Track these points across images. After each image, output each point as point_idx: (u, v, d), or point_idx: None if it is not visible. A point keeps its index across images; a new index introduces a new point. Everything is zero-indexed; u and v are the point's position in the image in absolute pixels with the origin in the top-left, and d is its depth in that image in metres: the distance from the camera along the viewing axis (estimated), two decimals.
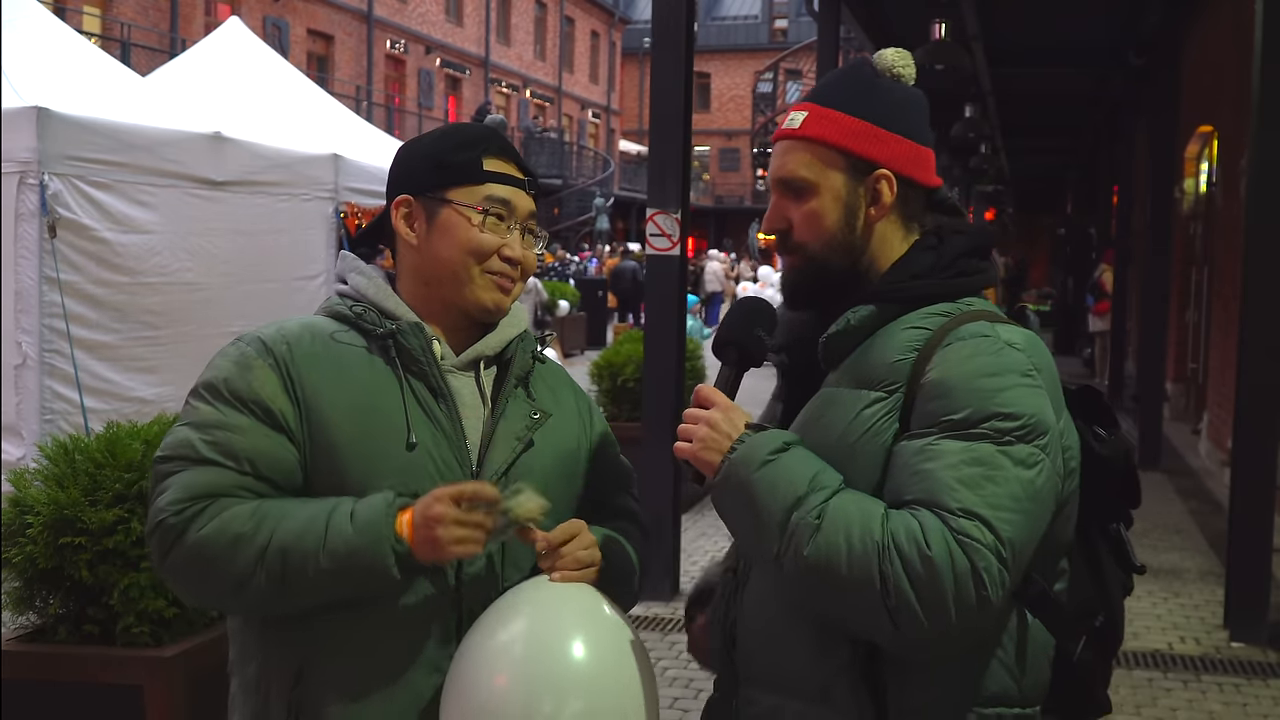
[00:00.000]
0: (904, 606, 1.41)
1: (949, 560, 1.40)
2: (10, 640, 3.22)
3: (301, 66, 21.12)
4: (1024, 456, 1.46)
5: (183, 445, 1.62)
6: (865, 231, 1.63)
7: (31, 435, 5.85)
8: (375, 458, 1.63)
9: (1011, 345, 1.52)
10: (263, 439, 1.62)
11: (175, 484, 1.60)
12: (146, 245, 6.69)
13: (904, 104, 1.66)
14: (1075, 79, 15.04)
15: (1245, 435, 5.60)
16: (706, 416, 1.58)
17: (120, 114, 6.76)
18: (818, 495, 1.48)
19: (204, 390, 1.66)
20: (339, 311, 1.73)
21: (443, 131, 1.82)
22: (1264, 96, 5.56)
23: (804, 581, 1.49)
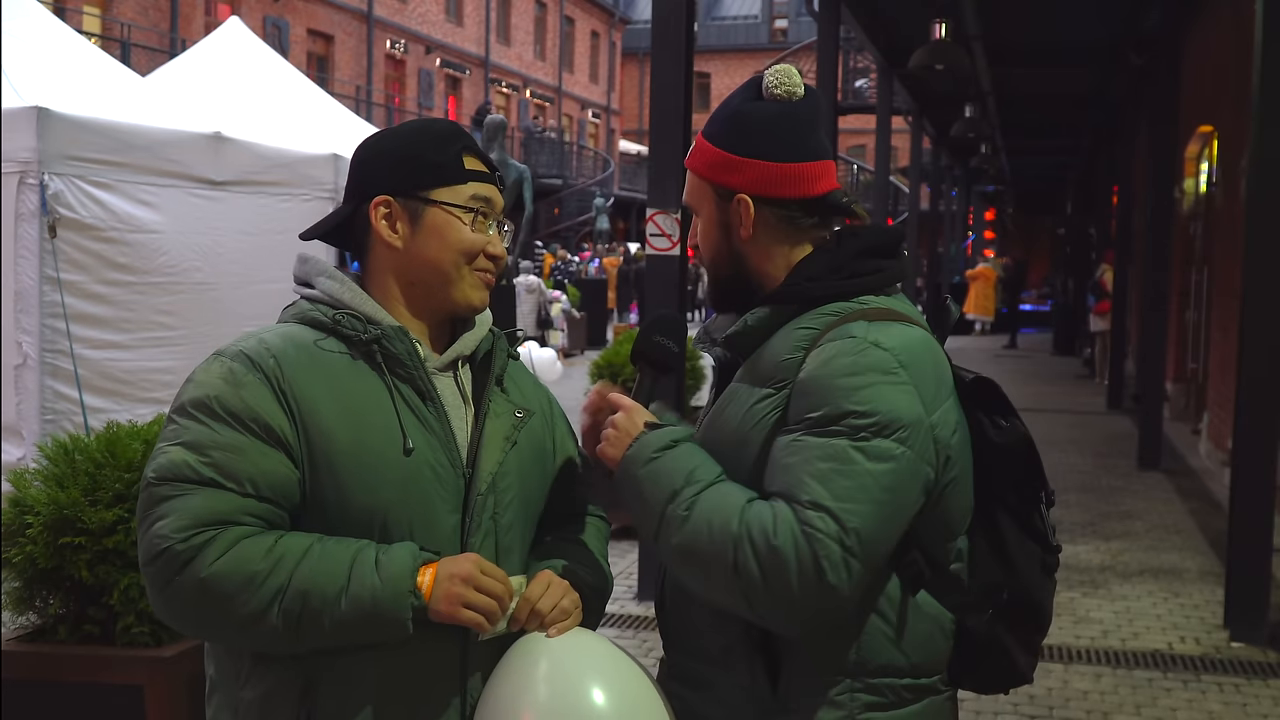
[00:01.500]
0: (754, 591, 1.55)
1: (794, 549, 1.53)
2: (10, 640, 3.22)
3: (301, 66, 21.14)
4: (878, 450, 1.57)
5: (179, 467, 1.56)
6: (743, 248, 1.77)
7: (32, 435, 5.85)
8: (374, 466, 1.61)
9: (877, 345, 1.62)
10: (261, 458, 1.58)
11: (177, 509, 1.54)
12: (149, 245, 6.69)
13: (765, 128, 1.75)
14: (1075, 79, 15.05)
15: (1245, 435, 5.60)
16: (612, 418, 1.73)
17: (120, 114, 6.76)
18: (690, 489, 1.62)
19: (192, 408, 1.60)
20: (314, 318, 1.69)
21: (412, 128, 1.78)
22: (1264, 96, 5.56)
23: (676, 567, 1.67)
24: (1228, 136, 9.78)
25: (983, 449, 1.71)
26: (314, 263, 1.76)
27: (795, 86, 1.76)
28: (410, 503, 1.63)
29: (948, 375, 1.69)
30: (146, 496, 1.58)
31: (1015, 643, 1.73)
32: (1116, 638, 5.56)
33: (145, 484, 1.59)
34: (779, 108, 1.75)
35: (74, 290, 6.18)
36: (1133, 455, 10.09)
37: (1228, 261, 9.06)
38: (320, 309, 1.69)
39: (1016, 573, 1.72)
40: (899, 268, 1.77)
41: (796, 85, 1.76)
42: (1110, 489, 9.03)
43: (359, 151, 1.78)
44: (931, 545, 1.67)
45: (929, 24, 10.00)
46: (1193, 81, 11.03)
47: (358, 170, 1.76)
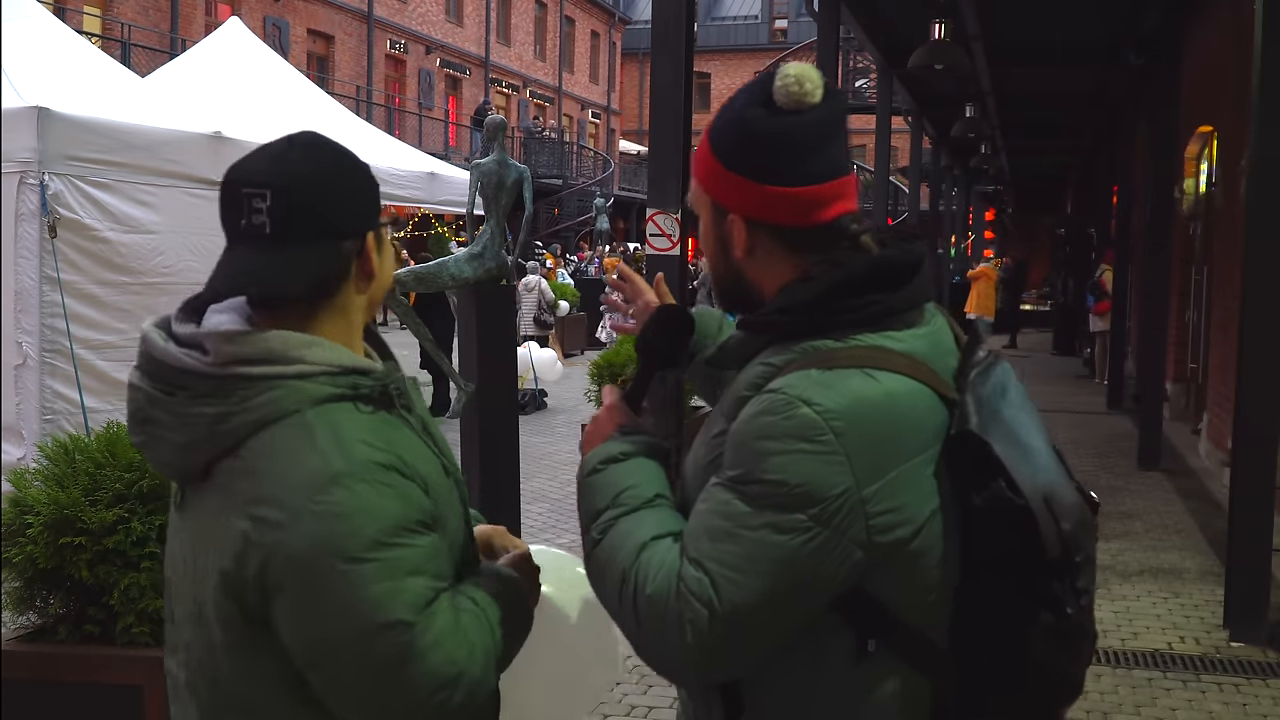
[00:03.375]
0: (631, 633, 1.51)
1: (664, 602, 1.45)
2: (10, 640, 3.22)
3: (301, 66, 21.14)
4: (780, 523, 1.42)
5: (425, 594, 1.51)
6: (740, 264, 1.63)
7: (32, 435, 5.85)
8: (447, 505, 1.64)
9: (807, 404, 1.44)
10: (443, 550, 1.60)
11: (442, 632, 1.52)
12: (149, 245, 6.70)
13: (761, 144, 1.56)
14: (1075, 79, 15.05)
15: (1245, 435, 5.60)
16: (596, 414, 1.69)
17: (120, 114, 6.77)
18: (612, 512, 1.56)
19: (390, 538, 1.49)
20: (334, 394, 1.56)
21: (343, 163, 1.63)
22: (1264, 96, 5.56)
23: (590, 585, 1.61)
24: (1228, 136, 9.78)
25: (968, 512, 1.50)
26: (278, 335, 1.55)
27: (806, 95, 1.54)
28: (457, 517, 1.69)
29: (923, 432, 1.48)
30: (407, 639, 1.48)
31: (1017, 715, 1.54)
32: (1116, 637, 5.56)
33: (400, 627, 1.47)
34: (782, 122, 1.55)
35: (72, 290, 6.19)
36: (1133, 455, 10.09)
37: (1228, 261, 9.05)
38: (326, 382, 1.55)
39: (1003, 641, 1.51)
40: (899, 299, 1.55)
41: (808, 93, 1.54)
42: (1110, 489, 9.03)
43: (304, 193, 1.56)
44: (906, 609, 1.50)
45: (929, 24, 9.99)
46: (1193, 81, 11.02)
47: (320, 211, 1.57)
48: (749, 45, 48.66)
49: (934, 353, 1.55)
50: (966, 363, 1.58)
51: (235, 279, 1.55)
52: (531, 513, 7.86)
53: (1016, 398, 1.59)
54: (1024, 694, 1.53)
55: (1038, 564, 1.48)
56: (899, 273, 1.56)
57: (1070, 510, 1.50)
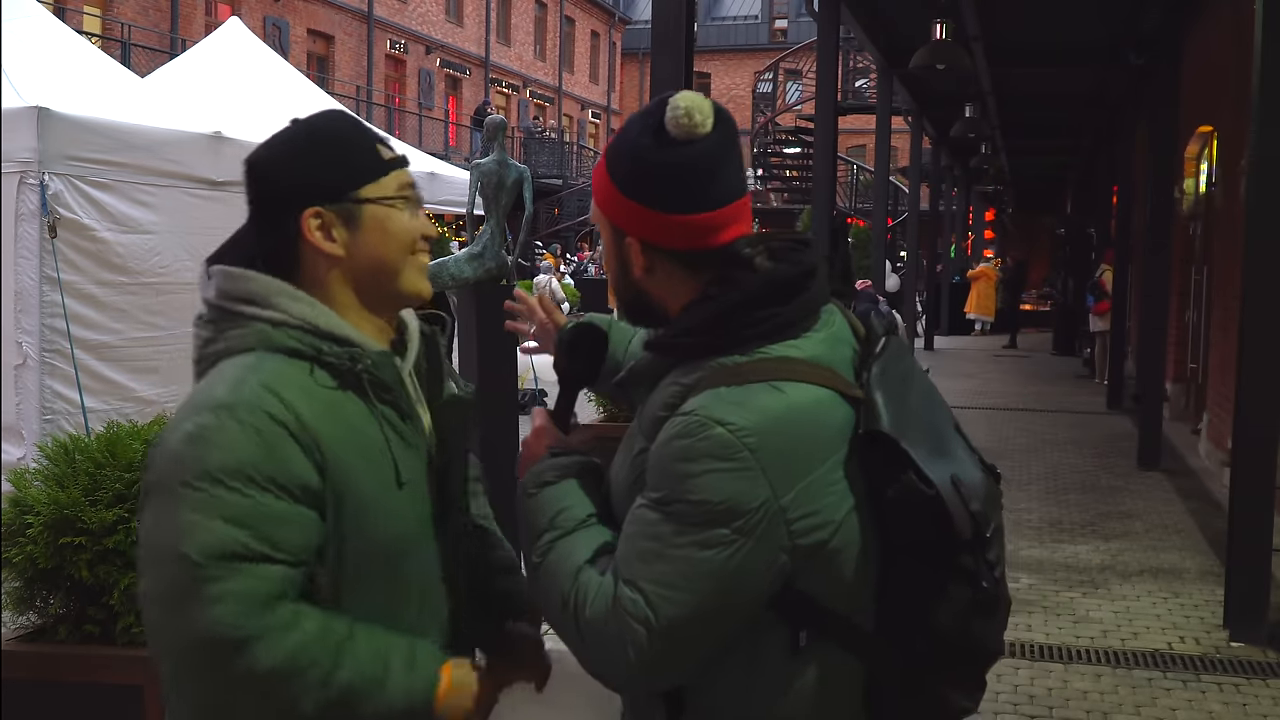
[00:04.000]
0: (578, 652, 1.57)
1: (603, 624, 1.52)
2: (10, 640, 3.22)
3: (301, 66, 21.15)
4: (706, 539, 1.48)
5: (229, 545, 1.47)
6: (640, 284, 1.67)
7: (31, 435, 5.85)
8: (388, 501, 1.61)
9: (720, 424, 1.49)
10: (302, 521, 1.53)
11: (232, 592, 1.47)
12: (146, 245, 6.70)
13: (656, 175, 1.60)
14: (1075, 79, 15.05)
15: (1245, 435, 5.60)
16: (525, 438, 1.75)
17: (120, 114, 6.76)
18: (549, 535, 1.61)
19: (224, 476, 1.49)
20: (291, 348, 1.58)
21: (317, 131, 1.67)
22: (1264, 96, 5.56)
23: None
24: (1228, 136, 9.78)
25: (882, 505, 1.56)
26: (264, 280, 1.62)
27: (696, 126, 1.59)
28: (418, 523, 1.66)
29: (832, 435, 1.54)
30: (190, 576, 1.47)
31: (947, 683, 1.62)
32: (1116, 638, 5.56)
33: (184, 562, 1.47)
34: (675, 154, 1.59)
35: (70, 290, 6.19)
36: (1133, 455, 10.09)
37: (1228, 261, 9.05)
38: (294, 336, 1.59)
39: (929, 620, 1.58)
40: (796, 308, 1.60)
41: (698, 124, 1.59)
42: (1110, 489, 9.03)
43: (260, 167, 1.65)
44: (834, 599, 1.57)
45: (929, 24, 10.00)
46: (1193, 81, 11.02)
47: (268, 185, 1.64)
48: (749, 45, 48.63)
49: (834, 354, 1.61)
50: (866, 357, 1.64)
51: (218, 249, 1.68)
52: None
53: (919, 382, 1.67)
54: (950, 664, 1.61)
55: (951, 545, 1.56)
56: (792, 285, 1.61)
57: (976, 489, 1.58)
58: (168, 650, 1.53)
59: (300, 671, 1.51)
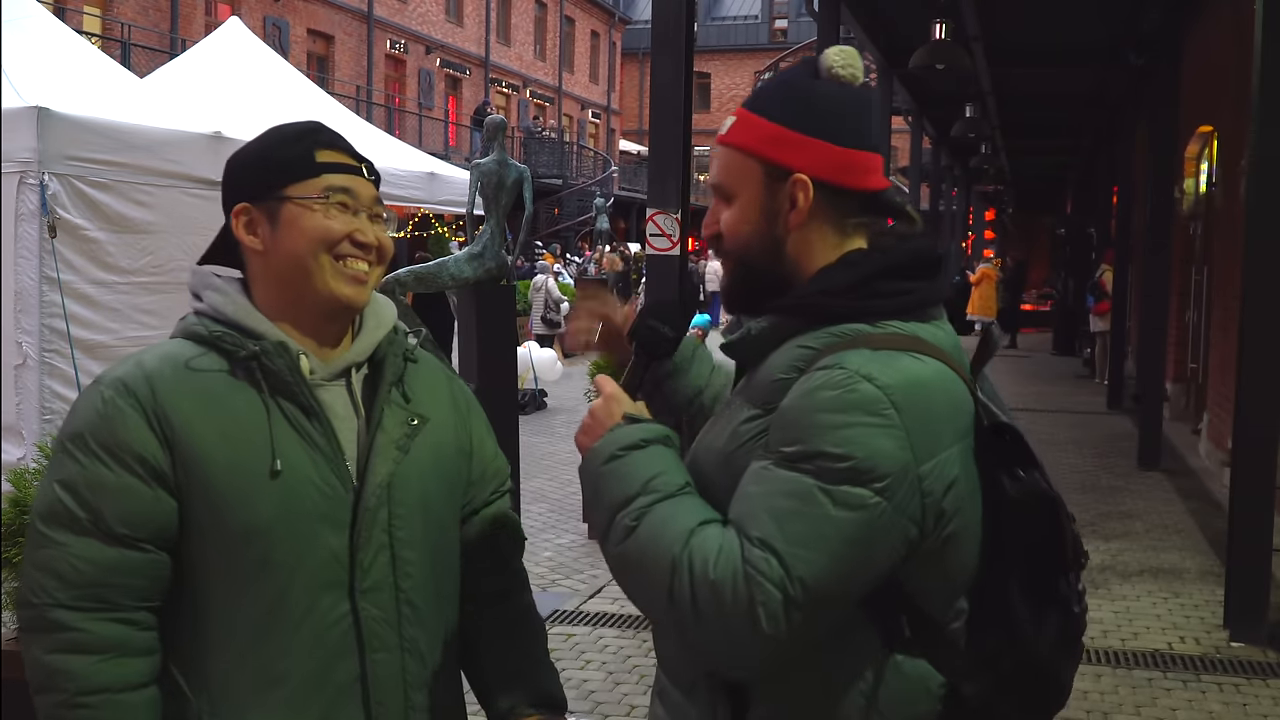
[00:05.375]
0: (685, 623, 1.42)
1: (731, 588, 1.39)
2: (10, 640, 3.21)
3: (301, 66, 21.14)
4: (848, 498, 1.40)
5: (57, 508, 1.58)
6: (785, 237, 1.60)
7: (31, 435, 5.85)
8: (249, 488, 1.58)
9: (869, 380, 1.44)
10: (133, 497, 1.56)
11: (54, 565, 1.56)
12: (140, 245, 6.69)
13: (831, 108, 1.60)
14: (1075, 79, 15.05)
15: (1245, 435, 5.60)
16: (591, 405, 1.62)
17: (120, 114, 6.76)
18: (644, 499, 1.49)
19: (70, 442, 1.59)
20: (196, 333, 1.66)
21: (265, 135, 1.73)
22: (1264, 96, 5.56)
23: (615, 576, 1.53)
24: (1228, 136, 9.78)
25: (996, 503, 1.51)
26: (202, 275, 1.71)
27: (858, 71, 1.61)
28: (291, 522, 1.60)
29: (963, 419, 1.50)
30: (32, 533, 1.60)
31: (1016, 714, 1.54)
32: (1116, 638, 5.55)
33: (34, 516, 1.61)
34: (843, 89, 1.60)
35: (69, 290, 6.19)
36: (1133, 455, 10.09)
37: (1228, 261, 9.05)
38: (204, 324, 1.66)
39: (1021, 639, 1.52)
40: (932, 290, 1.58)
41: (859, 70, 1.61)
42: (1110, 489, 9.03)
43: (225, 166, 1.76)
44: (926, 601, 1.50)
45: (929, 24, 10.00)
46: (1193, 81, 11.02)
47: (223, 186, 1.74)
48: (749, 45, 48.62)
49: (954, 349, 1.57)
50: (981, 362, 1.62)
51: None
52: (531, 513, 7.86)
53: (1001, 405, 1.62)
54: (1030, 696, 1.53)
55: (1053, 561, 1.51)
56: (932, 264, 1.59)
57: (1070, 513, 1.53)
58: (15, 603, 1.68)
59: (47, 680, 1.57)
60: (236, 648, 1.59)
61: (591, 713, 4.57)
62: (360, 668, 1.64)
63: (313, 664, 1.61)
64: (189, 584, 1.59)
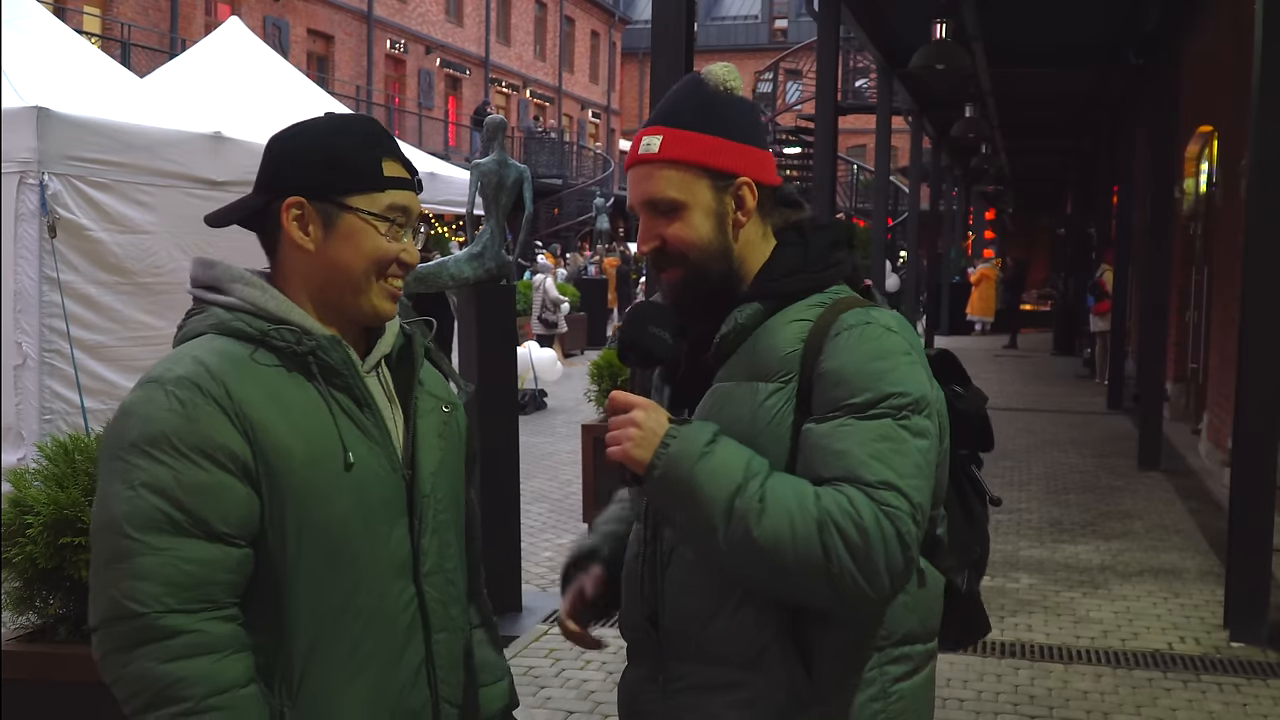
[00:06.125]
0: (846, 574, 1.55)
1: (879, 528, 1.55)
2: (10, 640, 3.22)
3: (301, 66, 21.14)
4: (917, 428, 1.63)
5: (151, 514, 1.50)
6: (735, 236, 1.76)
7: (31, 435, 5.85)
8: (327, 482, 1.60)
9: (889, 329, 1.68)
10: (227, 494, 1.54)
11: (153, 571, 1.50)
12: (141, 245, 6.69)
13: (743, 116, 1.78)
14: (1075, 79, 15.04)
15: (1245, 435, 5.60)
16: (631, 417, 1.65)
17: (120, 114, 6.76)
18: (755, 480, 1.59)
19: (149, 446, 1.52)
20: (239, 330, 1.61)
21: (333, 127, 1.69)
22: (1264, 96, 5.56)
23: (751, 561, 1.58)
24: (1228, 136, 9.78)
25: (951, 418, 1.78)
26: (224, 268, 1.67)
27: (740, 83, 1.80)
28: (363, 512, 1.62)
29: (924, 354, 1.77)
30: (115, 545, 1.51)
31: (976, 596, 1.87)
32: (1116, 638, 5.56)
33: (112, 529, 1.52)
34: (742, 99, 1.79)
35: (68, 290, 6.19)
36: (1133, 455, 10.09)
37: (1228, 261, 9.05)
38: (244, 319, 1.62)
39: (979, 530, 1.85)
40: (852, 259, 1.82)
41: (740, 82, 1.80)
42: (1110, 489, 9.03)
43: (273, 143, 1.69)
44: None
45: (929, 24, 9.99)
46: (1193, 81, 11.02)
47: (271, 164, 1.68)
48: (749, 45, 48.60)
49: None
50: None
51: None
52: (531, 513, 7.86)
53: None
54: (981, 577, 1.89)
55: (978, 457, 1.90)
56: (851, 235, 1.85)
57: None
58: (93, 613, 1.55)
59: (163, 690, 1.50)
60: (314, 639, 1.60)
61: (592, 713, 4.57)
62: (426, 649, 1.70)
63: (388, 650, 1.65)
64: (266, 579, 1.59)
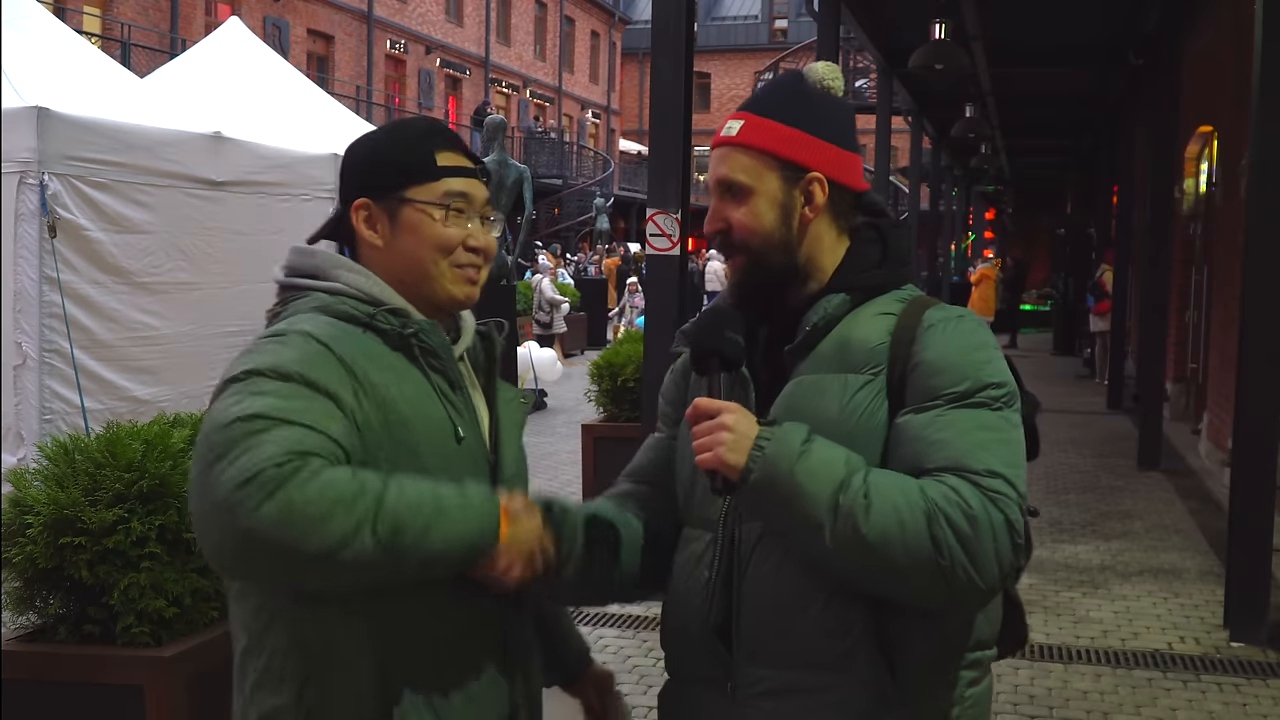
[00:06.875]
0: (957, 565, 1.54)
1: (988, 516, 1.54)
2: (10, 640, 3.22)
3: (301, 66, 21.13)
4: (1014, 419, 1.66)
5: (265, 409, 1.51)
6: (800, 231, 1.75)
7: (31, 435, 5.85)
8: (433, 453, 1.65)
9: (981, 324, 1.74)
10: (340, 421, 1.56)
11: (268, 440, 1.48)
12: (139, 245, 6.69)
13: (832, 114, 1.79)
14: (1075, 79, 15.05)
15: (1245, 435, 5.60)
16: (721, 422, 1.61)
17: (120, 114, 6.76)
18: (858, 476, 1.58)
19: (267, 370, 1.55)
20: (345, 312, 1.67)
21: (388, 130, 1.82)
22: (1264, 96, 5.56)
23: (860, 557, 1.56)
24: (1228, 136, 9.78)
25: None
26: (326, 255, 1.76)
27: (841, 83, 1.82)
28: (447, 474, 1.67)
29: None
30: (227, 434, 1.49)
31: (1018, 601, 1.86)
32: (1116, 638, 5.56)
33: (224, 425, 1.50)
34: (836, 98, 1.80)
35: (69, 291, 6.19)
36: (1133, 455, 10.09)
37: (1228, 261, 9.05)
38: (349, 303, 1.69)
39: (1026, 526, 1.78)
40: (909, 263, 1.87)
41: (841, 83, 1.82)
42: (1110, 489, 9.03)
43: (344, 155, 1.81)
44: None
45: (929, 24, 9.99)
46: (1193, 81, 11.03)
47: (342, 174, 1.80)
48: (749, 45, 48.62)
49: None
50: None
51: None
52: None
53: None
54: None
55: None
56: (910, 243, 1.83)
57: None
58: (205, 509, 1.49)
59: (346, 503, 1.47)
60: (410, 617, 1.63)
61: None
62: (502, 632, 1.73)
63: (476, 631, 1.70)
64: None
